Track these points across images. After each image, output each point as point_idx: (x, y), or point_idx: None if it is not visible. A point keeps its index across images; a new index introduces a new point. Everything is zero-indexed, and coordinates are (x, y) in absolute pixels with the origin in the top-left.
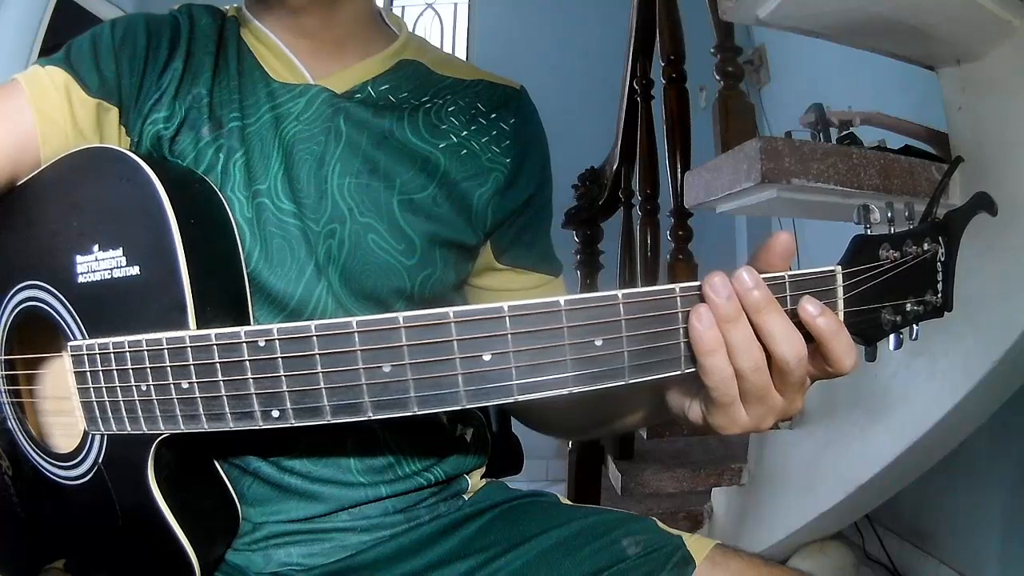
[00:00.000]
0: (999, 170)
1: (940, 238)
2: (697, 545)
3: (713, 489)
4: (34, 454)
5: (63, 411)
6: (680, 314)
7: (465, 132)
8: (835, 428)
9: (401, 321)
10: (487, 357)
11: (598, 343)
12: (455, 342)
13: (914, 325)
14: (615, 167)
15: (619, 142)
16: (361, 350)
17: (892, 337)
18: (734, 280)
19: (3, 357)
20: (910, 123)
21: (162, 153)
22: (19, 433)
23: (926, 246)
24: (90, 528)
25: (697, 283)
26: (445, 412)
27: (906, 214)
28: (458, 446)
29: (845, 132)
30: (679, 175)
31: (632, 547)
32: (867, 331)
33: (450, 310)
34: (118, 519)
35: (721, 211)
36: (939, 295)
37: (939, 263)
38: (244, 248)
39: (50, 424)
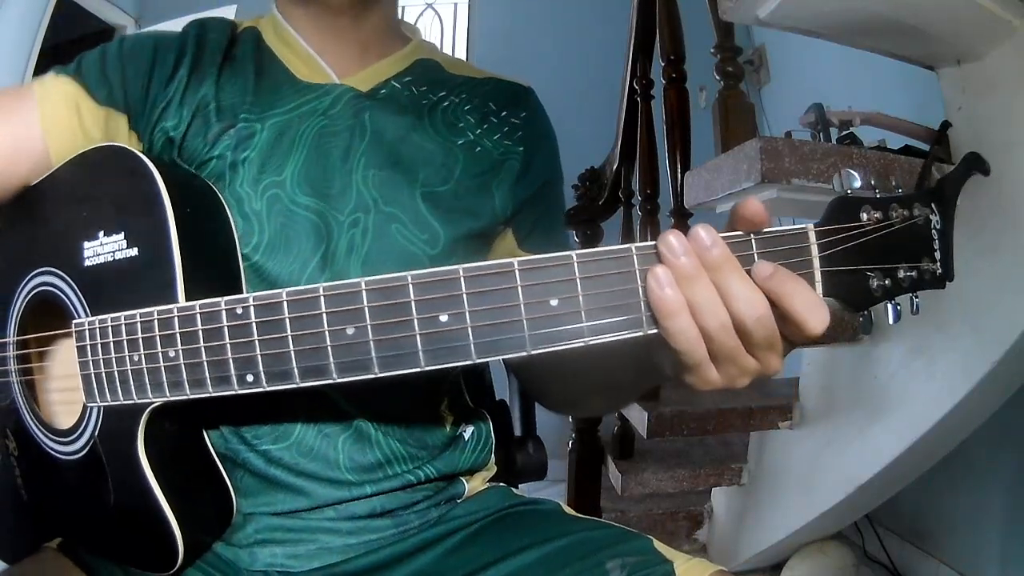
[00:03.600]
0: (999, 170)
1: (933, 204)
2: (694, 571)
3: (713, 489)
4: (38, 432)
5: (72, 389)
6: (638, 272)
7: (478, 131)
8: (835, 428)
9: (363, 285)
10: (444, 318)
11: (553, 303)
12: (412, 303)
13: (913, 297)
14: (615, 167)
15: (619, 142)
16: (326, 313)
17: (890, 309)
18: (691, 238)
19: (14, 339)
20: (910, 123)
21: (172, 156)
22: (26, 412)
23: (916, 211)
24: (84, 503)
25: (653, 243)
26: (447, 409)
27: (895, 187)
28: (453, 444)
29: (845, 132)
30: (679, 175)
31: (616, 570)
32: (854, 296)
33: (408, 274)
34: (110, 493)
35: (721, 211)
36: (937, 263)
37: (934, 230)
38: (253, 241)
39: (60, 406)
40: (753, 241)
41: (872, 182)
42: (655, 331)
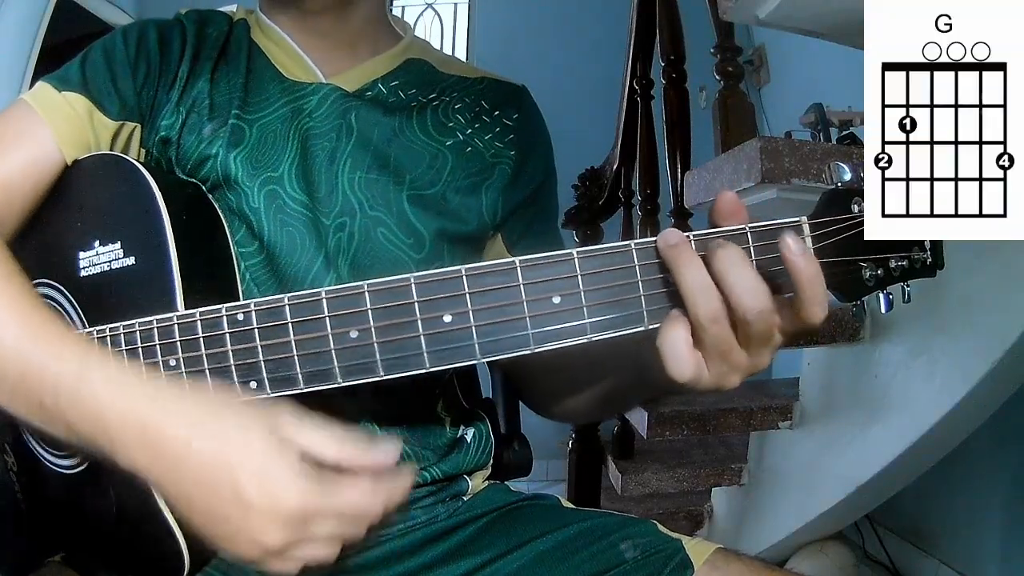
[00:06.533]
0: None
1: None
2: (697, 549)
3: (713, 489)
4: (36, 446)
5: None
6: (638, 268)
7: (469, 130)
8: (835, 428)
9: (365, 287)
10: (447, 318)
11: (556, 300)
12: (415, 304)
13: (904, 286)
14: (615, 167)
15: (619, 142)
16: (329, 316)
17: (882, 298)
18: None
19: None
20: None
21: (168, 156)
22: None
23: None
24: (86, 517)
25: (652, 239)
26: (443, 410)
27: None
28: (457, 446)
29: (845, 132)
30: (679, 175)
31: (630, 551)
32: (848, 287)
33: (411, 275)
34: (112, 506)
35: None
36: (927, 252)
37: None
38: (255, 241)
39: None
40: (749, 234)
41: (861, 175)
42: (655, 326)
